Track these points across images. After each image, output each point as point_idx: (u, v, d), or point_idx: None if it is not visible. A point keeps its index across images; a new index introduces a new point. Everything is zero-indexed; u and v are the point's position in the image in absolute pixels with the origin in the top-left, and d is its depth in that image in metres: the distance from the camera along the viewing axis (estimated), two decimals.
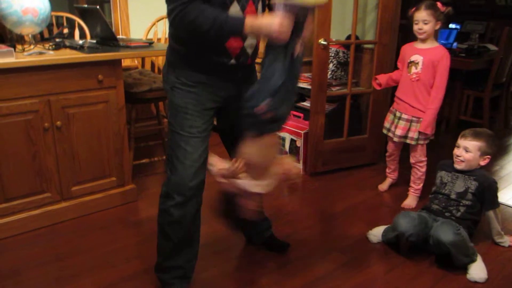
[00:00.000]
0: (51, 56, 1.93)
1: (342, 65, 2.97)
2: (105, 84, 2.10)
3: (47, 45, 2.13)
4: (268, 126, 1.36)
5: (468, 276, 1.79)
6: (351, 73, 2.72)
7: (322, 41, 2.53)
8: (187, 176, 1.46)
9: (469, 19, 4.80)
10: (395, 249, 1.97)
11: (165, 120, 2.83)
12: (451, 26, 3.94)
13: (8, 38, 2.34)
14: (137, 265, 1.83)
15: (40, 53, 1.95)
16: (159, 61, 3.07)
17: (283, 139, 2.92)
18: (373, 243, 2.05)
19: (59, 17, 2.75)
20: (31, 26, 2.05)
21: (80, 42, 2.29)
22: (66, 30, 2.45)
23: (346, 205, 2.43)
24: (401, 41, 3.44)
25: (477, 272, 1.79)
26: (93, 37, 2.54)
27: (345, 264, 1.88)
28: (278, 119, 1.37)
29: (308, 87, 2.85)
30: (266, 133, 1.37)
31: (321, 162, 2.80)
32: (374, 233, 2.08)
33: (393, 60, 2.83)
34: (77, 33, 2.73)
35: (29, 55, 1.91)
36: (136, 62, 3.17)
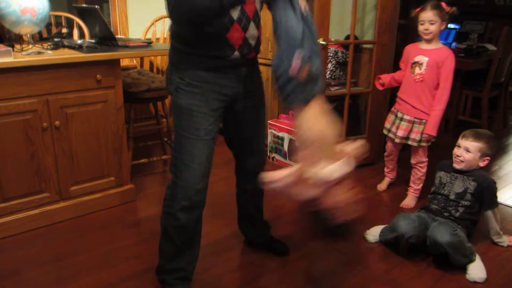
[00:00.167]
0: (49, 55, 1.93)
1: (341, 65, 2.98)
2: (103, 84, 2.10)
3: (46, 45, 2.12)
4: (310, 88, 1.21)
5: (468, 277, 1.80)
6: (350, 73, 2.73)
7: (321, 41, 2.53)
8: (194, 179, 1.45)
9: (468, 19, 4.80)
10: (394, 249, 1.97)
11: (163, 120, 2.83)
12: (450, 26, 3.93)
13: (7, 37, 2.33)
14: (136, 264, 1.83)
15: (39, 53, 1.94)
16: (158, 61, 3.07)
17: (281, 139, 2.92)
18: (370, 242, 2.05)
19: (57, 16, 2.74)
20: (29, 25, 2.05)
21: (79, 41, 2.28)
22: (64, 30, 2.44)
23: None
24: (400, 41, 3.45)
25: (476, 272, 1.80)
26: (92, 36, 2.54)
27: (345, 264, 1.88)
28: (316, 75, 1.22)
29: None
30: (312, 98, 1.20)
31: None
32: (371, 232, 2.09)
33: (392, 60, 2.83)
34: (75, 32, 2.73)
35: (28, 54, 1.91)
36: (134, 62, 3.17)
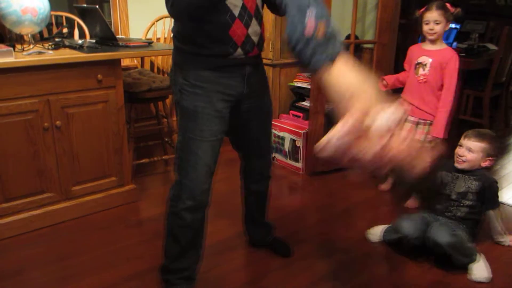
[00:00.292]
0: (50, 55, 1.93)
1: None
2: (104, 84, 2.10)
3: (47, 45, 2.12)
4: (331, 45, 1.09)
5: (472, 277, 1.79)
6: None
7: None
8: (200, 179, 1.45)
9: (469, 19, 4.80)
10: (396, 249, 1.97)
11: (164, 120, 2.82)
12: (451, 25, 3.93)
13: (8, 37, 2.33)
14: (138, 265, 1.83)
15: (40, 53, 1.94)
16: (159, 60, 3.06)
17: (282, 139, 2.91)
18: (373, 242, 2.05)
19: (58, 16, 2.74)
20: (30, 25, 2.05)
21: (80, 41, 2.28)
22: (65, 30, 2.44)
23: (347, 205, 2.43)
24: (401, 41, 3.45)
25: (480, 272, 1.79)
26: (93, 36, 2.53)
27: (347, 263, 1.88)
28: (334, 32, 1.12)
29: (308, 86, 2.86)
30: (336, 55, 1.16)
31: (321, 161, 2.80)
32: (373, 232, 2.08)
33: (392, 60, 2.83)
34: (76, 32, 2.73)
35: (29, 54, 1.91)
36: (135, 62, 3.17)
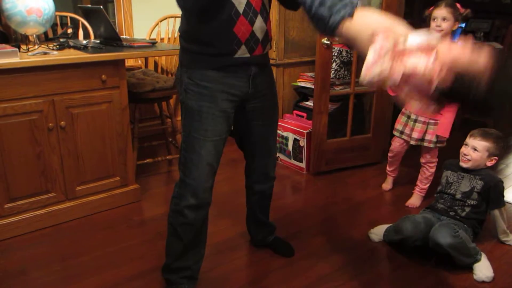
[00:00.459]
0: (55, 56, 1.94)
1: (345, 64, 2.97)
2: (108, 84, 2.11)
3: (51, 45, 2.14)
4: (347, 1, 1.06)
5: (475, 277, 1.78)
6: (354, 72, 2.72)
7: (325, 41, 2.53)
8: (202, 179, 1.46)
9: (473, 17, 4.76)
10: (398, 249, 1.96)
11: (168, 120, 2.83)
12: None
13: (13, 38, 2.35)
14: (141, 264, 1.83)
15: (45, 53, 1.96)
16: (163, 61, 3.07)
17: (286, 139, 2.91)
18: (374, 242, 2.04)
19: (63, 17, 2.76)
20: (35, 26, 2.06)
21: (84, 42, 2.30)
22: (70, 30, 2.45)
23: (350, 205, 2.42)
24: None
25: (483, 271, 1.79)
26: (97, 37, 2.55)
27: (349, 263, 1.88)
28: None
29: (311, 86, 2.85)
30: (355, 9, 1.04)
31: (324, 161, 2.79)
32: (375, 232, 2.08)
33: None
34: (81, 33, 2.74)
35: (34, 55, 1.92)
36: (139, 62, 3.18)
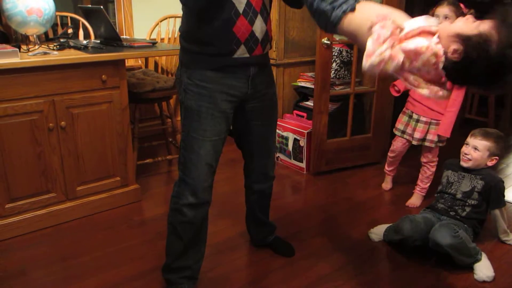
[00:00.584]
0: (55, 56, 1.94)
1: (345, 64, 2.97)
2: (109, 84, 2.11)
3: (52, 45, 2.14)
4: None
5: (476, 276, 1.78)
6: (355, 72, 2.72)
7: (325, 40, 2.53)
8: (201, 178, 1.47)
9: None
10: (398, 248, 1.96)
11: (168, 120, 2.83)
12: None
13: (13, 38, 2.35)
14: (142, 265, 1.84)
15: (45, 53, 1.96)
16: (163, 61, 3.07)
17: (286, 139, 2.91)
18: (374, 241, 2.04)
19: (63, 17, 2.76)
20: (35, 26, 2.06)
21: (84, 42, 2.30)
22: (70, 30, 2.46)
23: (350, 205, 2.42)
24: None
25: (483, 271, 1.79)
26: (97, 37, 2.55)
27: (349, 263, 1.88)
28: None
29: (311, 86, 2.85)
30: (356, 3, 1.06)
31: (325, 161, 2.80)
32: (375, 231, 2.08)
33: None
34: (81, 33, 2.74)
35: (34, 55, 1.92)
36: (139, 62, 3.18)
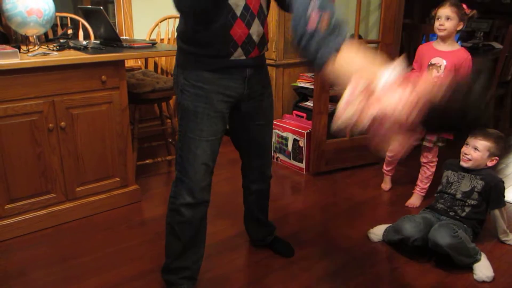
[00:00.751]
0: (55, 57, 1.94)
1: None
2: (108, 85, 2.11)
3: (52, 46, 2.14)
4: (334, 37, 1.08)
5: (475, 277, 1.78)
6: None
7: None
8: (198, 178, 1.47)
9: (472, 19, 4.77)
10: (398, 249, 1.96)
11: (168, 121, 2.83)
12: None
13: (13, 39, 2.35)
14: (141, 265, 1.84)
15: (45, 54, 1.96)
16: (162, 61, 3.08)
17: (285, 139, 2.92)
18: (374, 242, 2.04)
19: (63, 17, 2.76)
20: (35, 27, 2.06)
21: (84, 43, 2.30)
22: (70, 31, 2.46)
23: (349, 205, 2.42)
24: (405, 41, 3.43)
25: (483, 271, 1.79)
26: (97, 37, 2.55)
27: (349, 263, 1.88)
28: (338, 22, 1.11)
29: (311, 86, 2.85)
30: (341, 45, 1.07)
31: (324, 161, 2.80)
32: (374, 231, 2.08)
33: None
34: (81, 33, 2.75)
35: (34, 56, 1.92)
36: (139, 63, 3.18)
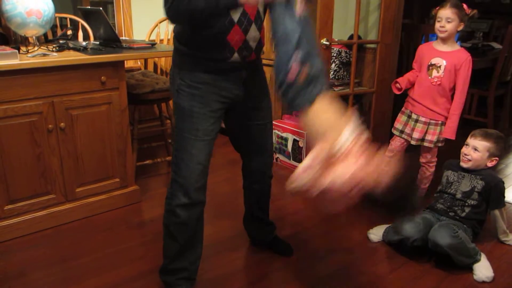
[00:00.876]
0: (54, 57, 1.94)
1: (344, 65, 2.97)
2: (108, 86, 2.11)
3: (51, 47, 2.14)
4: (311, 89, 1.22)
5: (475, 277, 1.78)
6: (354, 73, 2.72)
7: (324, 41, 2.53)
8: (193, 178, 1.48)
9: (472, 19, 4.77)
10: (398, 249, 1.96)
11: (168, 122, 2.83)
12: None
13: (13, 39, 2.36)
14: (141, 266, 1.83)
15: (44, 55, 1.96)
16: (162, 62, 3.08)
17: (285, 140, 2.92)
18: (374, 242, 2.04)
19: (63, 18, 2.76)
20: (35, 27, 2.07)
21: (84, 43, 2.30)
22: (69, 32, 2.46)
23: (349, 205, 2.42)
24: (404, 41, 3.43)
25: (483, 271, 1.79)
26: (97, 38, 2.55)
27: (349, 264, 1.88)
28: (316, 76, 1.22)
29: None
30: (314, 99, 1.20)
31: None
32: (374, 232, 2.08)
33: (395, 60, 2.82)
34: (80, 34, 2.75)
35: (33, 56, 1.92)
36: (139, 63, 3.18)
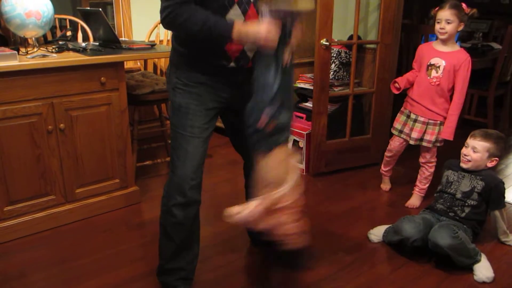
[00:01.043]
0: (54, 59, 1.94)
1: (344, 65, 2.97)
2: (107, 87, 2.11)
3: (50, 48, 2.14)
4: (275, 138, 1.34)
5: (475, 277, 1.78)
6: (353, 73, 2.72)
7: (324, 42, 2.53)
8: (188, 175, 1.48)
9: (472, 18, 4.77)
10: (398, 249, 1.96)
11: (167, 122, 2.83)
12: None
13: (12, 41, 2.36)
14: (141, 266, 1.83)
15: (44, 56, 1.96)
16: (162, 63, 3.08)
17: None
18: (374, 243, 2.04)
19: (62, 19, 2.76)
20: (34, 29, 2.07)
21: (83, 44, 2.30)
22: (69, 33, 2.46)
23: (349, 206, 2.42)
24: (404, 41, 3.43)
25: (483, 272, 1.78)
26: (96, 39, 2.55)
27: (349, 264, 1.88)
28: (282, 128, 1.35)
29: (310, 87, 2.85)
30: (275, 147, 1.32)
31: (324, 162, 2.79)
32: (374, 232, 2.08)
33: (395, 60, 2.82)
34: (80, 35, 2.75)
35: (33, 58, 1.92)
36: (138, 64, 3.18)
